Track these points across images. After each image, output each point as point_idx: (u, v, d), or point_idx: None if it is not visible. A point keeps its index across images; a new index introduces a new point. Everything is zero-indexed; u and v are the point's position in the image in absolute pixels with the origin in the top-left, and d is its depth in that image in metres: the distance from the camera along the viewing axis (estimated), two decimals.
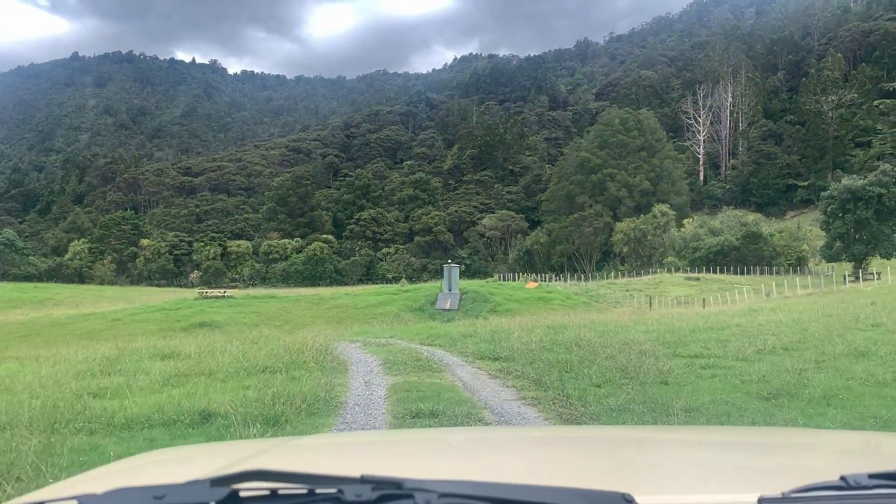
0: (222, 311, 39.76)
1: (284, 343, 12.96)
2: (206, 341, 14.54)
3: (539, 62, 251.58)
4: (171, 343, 16.55)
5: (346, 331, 30.38)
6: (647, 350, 10.65)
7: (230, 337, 16.24)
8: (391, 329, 22.84)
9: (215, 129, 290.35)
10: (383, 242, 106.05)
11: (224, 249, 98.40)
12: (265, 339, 15.38)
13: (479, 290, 46.18)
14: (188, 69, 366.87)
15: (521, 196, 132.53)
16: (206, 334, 35.07)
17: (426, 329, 19.38)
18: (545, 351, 10.94)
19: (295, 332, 35.59)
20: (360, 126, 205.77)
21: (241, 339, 15.52)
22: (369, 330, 22.82)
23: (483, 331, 15.16)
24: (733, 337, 12.16)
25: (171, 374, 9.57)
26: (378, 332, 19.89)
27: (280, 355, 10.71)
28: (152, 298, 53.48)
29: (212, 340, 15.56)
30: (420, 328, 21.44)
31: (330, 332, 27.58)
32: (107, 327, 35.07)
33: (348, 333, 22.33)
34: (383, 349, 12.76)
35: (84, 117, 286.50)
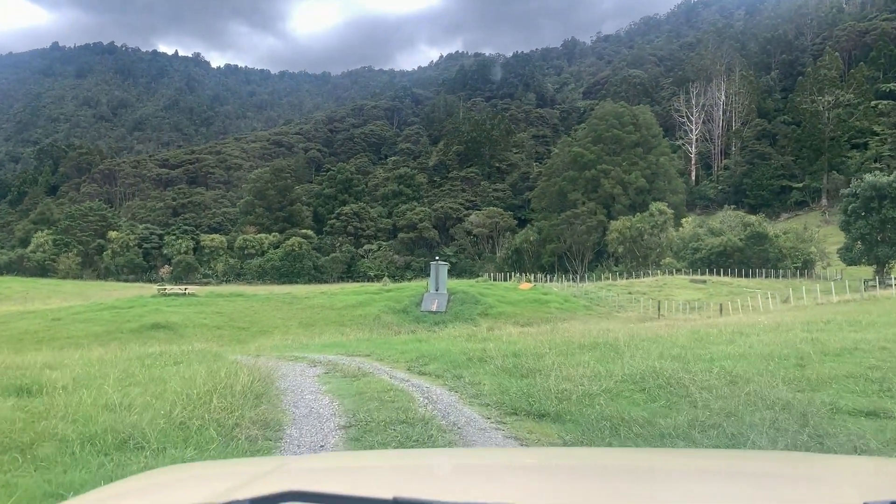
0: (181, 311, 35.31)
1: (207, 371, 8.67)
2: (99, 364, 10.23)
3: (527, 60, 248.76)
4: (67, 355, 12.32)
5: (314, 339, 26.00)
6: (774, 398, 6.46)
7: (141, 358, 11.93)
8: (369, 341, 18.58)
9: (197, 122, 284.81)
10: (365, 239, 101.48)
11: (197, 243, 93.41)
12: (190, 359, 11.09)
13: (468, 291, 42.04)
14: (170, 62, 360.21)
15: (509, 194, 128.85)
16: (151, 339, 30.60)
17: (414, 343, 15.09)
18: (616, 398, 6.73)
19: (251, 341, 30.99)
20: (344, 120, 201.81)
21: (160, 360, 11.27)
22: (341, 342, 18.51)
23: (495, 350, 10.93)
24: (876, 367, 8.04)
25: None
26: (352, 347, 15.58)
27: (179, 399, 6.44)
28: (112, 294, 48.78)
29: (115, 359, 11.30)
30: (406, 340, 17.15)
31: (292, 342, 23.20)
32: (43, 328, 30.55)
33: (314, 346, 18.05)
34: (354, 386, 8.45)
35: (63, 108, 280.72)
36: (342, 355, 13.23)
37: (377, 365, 10.98)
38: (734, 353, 9.72)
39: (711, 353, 10.01)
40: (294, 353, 14.67)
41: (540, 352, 10.17)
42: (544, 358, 9.38)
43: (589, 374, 7.84)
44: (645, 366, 8.30)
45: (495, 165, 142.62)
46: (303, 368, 10.73)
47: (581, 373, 7.93)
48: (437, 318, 38.34)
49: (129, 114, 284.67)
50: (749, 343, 11.26)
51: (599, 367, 8.41)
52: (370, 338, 21.48)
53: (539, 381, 7.72)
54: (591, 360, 9.20)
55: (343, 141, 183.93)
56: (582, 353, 10.00)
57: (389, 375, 9.35)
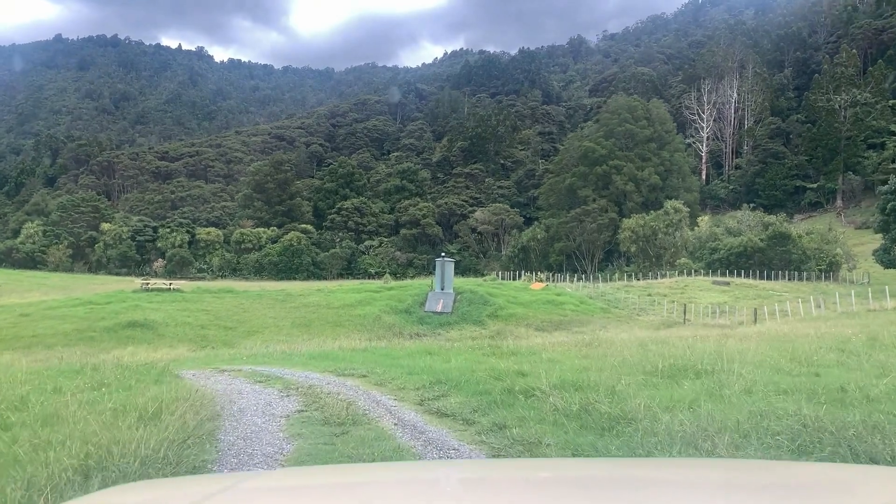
0: (162, 308, 32.36)
1: (124, 403, 5.70)
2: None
3: (532, 57, 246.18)
4: None
5: (305, 343, 23.05)
6: None
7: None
8: (368, 351, 15.55)
9: (200, 116, 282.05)
10: (366, 234, 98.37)
11: (192, 237, 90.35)
12: (122, 381, 8.23)
13: (476, 291, 39.04)
14: (174, 55, 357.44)
15: (514, 191, 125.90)
16: (126, 339, 27.63)
17: (423, 357, 12.06)
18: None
19: (237, 343, 27.93)
20: (347, 115, 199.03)
21: (81, 379, 8.39)
22: (333, 354, 15.47)
23: (537, 373, 7.89)
24: None
25: None
26: (346, 361, 12.52)
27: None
28: (98, 288, 45.81)
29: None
30: (413, 352, 14.12)
31: (274, 350, 20.15)
32: (8, 325, 27.63)
33: (300, 356, 15.03)
34: (338, 447, 5.31)
35: (66, 100, 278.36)
36: (331, 374, 10.22)
37: (376, 395, 7.94)
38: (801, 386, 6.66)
39: (843, 382, 6.95)
40: (271, 368, 11.68)
41: (606, 381, 7.06)
42: (621, 394, 6.27)
43: (715, 429, 4.80)
44: (787, 412, 5.27)
45: (500, 162, 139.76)
46: (271, 400, 7.73)
47: (700, 427, 4.89)
48: (443, 319, 35.42)
49: (131, 107, 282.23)
50: (881, 364, 8.24)
51: (715, 410, 5.37)
52: (369, 346, 18.45)
53: (638, 440, 4.69)
54: (690, 392, 6.16)
55: (345, 136, 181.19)
56: (669, 384, 6.93)
57: (394, 419, 6.30)
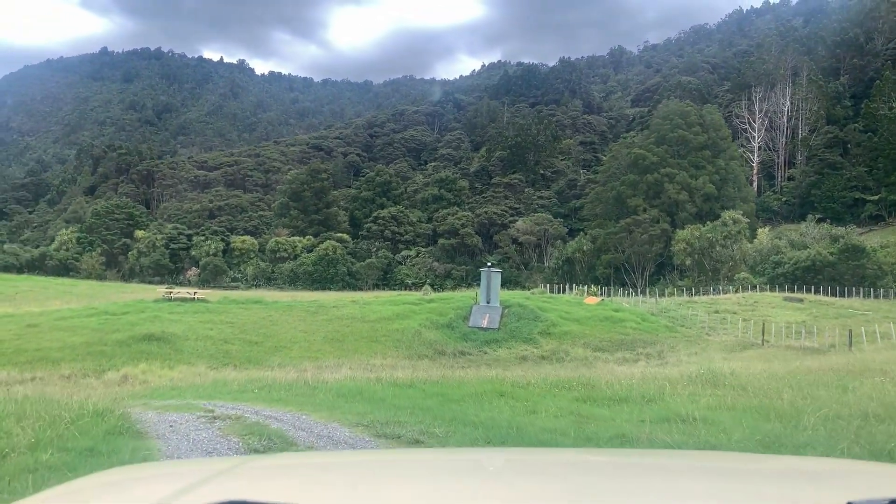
0: (183, 320, 29.62)
1: None
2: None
3: (573, 67, 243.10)
4: None
5: (338, 362, 19.98)
6: None
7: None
8: (414, 387, 11.68)
9: (240, 128, 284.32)
10: (403, 244, 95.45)
11: (227, 245, 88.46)
12: None
13: (525, 304, 35.59)
14: (216, 68, 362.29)
15: (554, 202, 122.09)
16: (140, 354, 24.82)
17: (496, 402, 8.66)
18: None
19: (262, 360, 25.09)
20: (385, 125, 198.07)
21: None
22: (369, 390, 11.16)
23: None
24: None
25: None
26: (388, 405, 8.97)
27: None
28: (124, 297, 43.49)
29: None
30: (479, 387, 10.47)
31: (302, 374, 16.78)
32: (12, 337, 25.08)
33: (325, 390, 11.43)
34: None
35: (110, 112, 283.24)
36: (367, 432, 6.87)
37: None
38: None
39: None
40: (284, 412, 8.43)
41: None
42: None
43: None
44: None
45: (540, 172, 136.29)
46: None
47: None
48: (489, 335, 32.06)
49: (173, 118, 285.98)
50: None
51: None
52: (413, 375, 15.08)
53: None
54: None
55: (383, 146, 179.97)
56: None
57: None
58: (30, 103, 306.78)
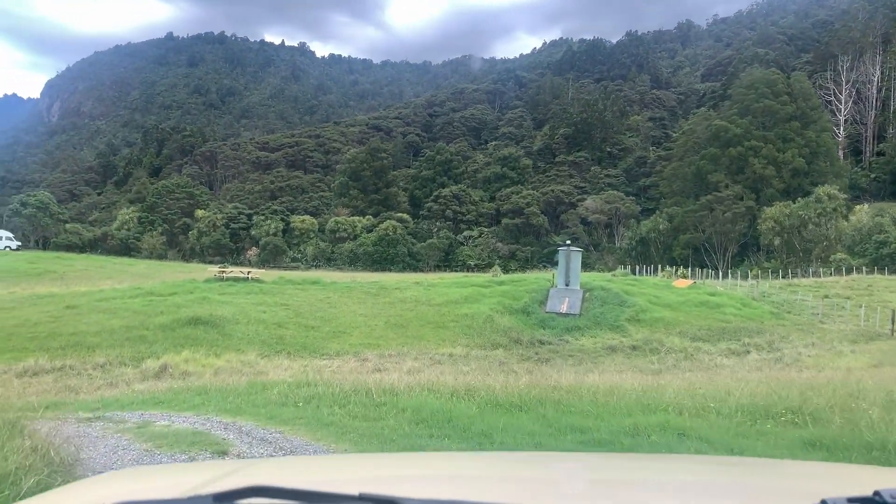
0: (234, 301, 27.11)
1: None
2: None
3: (640, 41, 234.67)
4: None
5: (402, 350, 16.90)
6: None
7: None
8: (528, 411, 7.93)
9: (301, 111, 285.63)
10: (465, 224, 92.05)
11: (287, 225, 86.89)
12: None
13: (608, 288, 31.90)
14: (277, 51, 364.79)
15: (622, 180, 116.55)
16: (184, 339, 22.24)
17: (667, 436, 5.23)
18: None
19: (319, 346, 22.16)
20: (444, 104, 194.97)
21: None
22: (457, 413, 7.58)
23: None
24: None
25: None
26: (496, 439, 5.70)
27: None
28: (180, 276, 41.62)
29: None
30: (619, 399, 7.11)
31: (362, 363, 13.78)
32: (49, 319, 22.94)
33: (392, 416, 8.12)
34: None
35: (176, 96, 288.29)
36: None
37: None
38: None
39: None
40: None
41: None
42: None
43: None
44: None
45: (607, 150, 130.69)
46: None
47: None
48: (570, 322, 28.54)
49: (236, 102, 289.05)
50: None
51: None
52: (512, 385, 11.72)
53: None
54: None
55: (443, 125, 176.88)
56: None
57: None
58: (100, 88, 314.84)
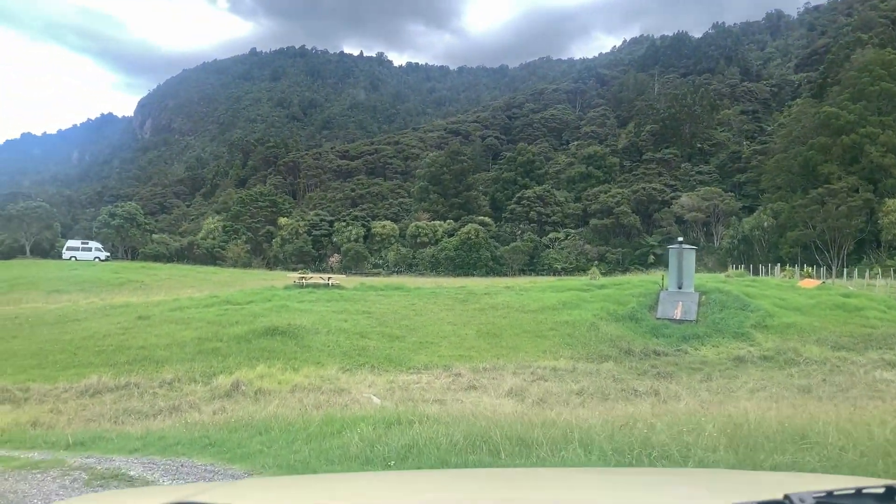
0: (314, 310, 25.07)
1: None
2: None
3: (727, 32, 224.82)
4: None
5: (498, 363, 14.22)
6: None
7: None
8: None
9: (380, 120, 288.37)
10: (550, 226, 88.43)
11: (367, 231, 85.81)
12: None
13: (725, 290, 28.21)
14: (356, 62, 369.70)
15: (715, 177, 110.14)
16: (259, 352, 20.07)
17: None
18: None
19: (404, 359, 19.77)
20: (523, 106, 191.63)
21: None
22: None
23: None
24: None
25: None
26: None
27: None
28: (260, 284, 40.35)
29: None
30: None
31: (452, 379, 10.96)
32: (119, 330, 21.42)
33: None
34: None
35: (260, 109, 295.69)
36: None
37: None
38: None
39: None
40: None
41: None
42: None
43: None
44: None
45: (697, 146, 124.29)
46: None
47: None
48: (686, 329, 25.09)
49: (317, 113, 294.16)
50: None
51: None
52: (602, 386, 8.90)
53: None
54: None
55: (522, 127, 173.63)
56: None
57: None
58: (188, 105, 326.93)
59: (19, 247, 78.86)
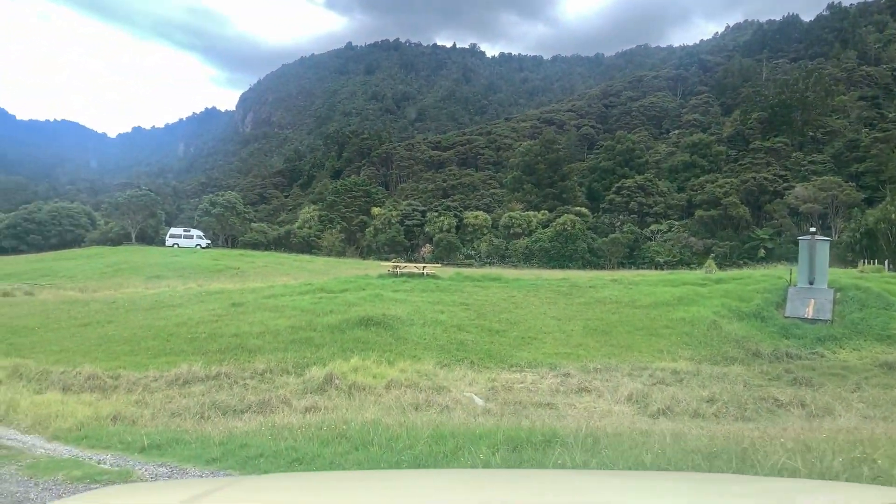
0: (409, 300, 23.90)
1: None
2: None
3: (844, 13, 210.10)
4: None
5: (612, 363, 12.47)
6: None
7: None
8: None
9: (472, 111, 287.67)
10: (652, 217, 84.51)
11: (459, 221, 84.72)
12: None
13: (864, 286, 25.12)
14: (449, 54, 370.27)
15: (829, 166, 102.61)
16: (353, 343, 18.73)
17: None
18: None
19: (507, 356, 18.12)
20: (621, 94, 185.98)
21: None
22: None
23: None
24: None
25: None
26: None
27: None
28: (354, 272, 39.82)
29: None
30: None
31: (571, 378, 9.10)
32: (211, 318, 20.90)
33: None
34: None
35: (355, 103, 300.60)
36: None
37: None
38: None
39: None
40: None
41: None
42: None
43: None
44: None
45: (809, 134, 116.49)
46: None
47: None
48: (820, 330, 22.33)
49: (410, 106, 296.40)
50: None
51: None
52: (736, 393, 7.74)
53: None
54: None
55: (619, 115, 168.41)
56: None
57: None
58: (287, 99, 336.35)
59: (126, 234, 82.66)
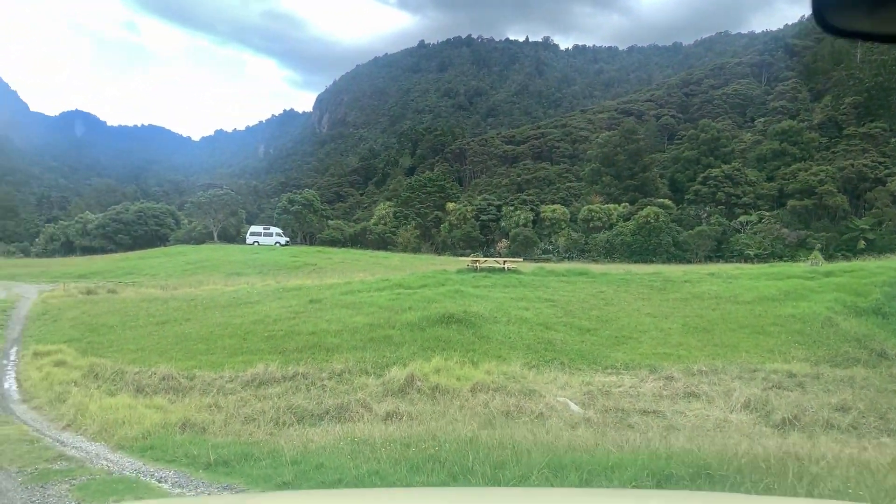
0: (490, 296, 22.68)
1: None
2: None
3: None
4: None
5: (720, 365, 10.81)
6: None
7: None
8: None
9: (545, 105, 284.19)
10: (741, 208, 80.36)
11: (536, 215, 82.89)
12: None
13: None
14: (521, 48, 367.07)
15: None
16: (433, 342, 17.52)
17: None
18: None
19: (602, 356, 16.78)
20: (702, 82, 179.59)
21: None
22: None
23: None
24: None
25: None
26: None
27: None
28: (429, 268, 38.96)
29: None
30: None
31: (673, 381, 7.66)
32: (289, 315, 20.27)
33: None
34: None
35: (428, 100, 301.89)
36: None
37: None
38: None
39: None
40: None
41: None
42: None
43: None
44: None
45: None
46: None
47: None
48: None
49: (483, 101, 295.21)
50: None
51: None
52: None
53: None
54: None
55: (700, 104, 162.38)
56: None
57: None
58: (361, 99, 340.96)
59: (208, 233, 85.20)
